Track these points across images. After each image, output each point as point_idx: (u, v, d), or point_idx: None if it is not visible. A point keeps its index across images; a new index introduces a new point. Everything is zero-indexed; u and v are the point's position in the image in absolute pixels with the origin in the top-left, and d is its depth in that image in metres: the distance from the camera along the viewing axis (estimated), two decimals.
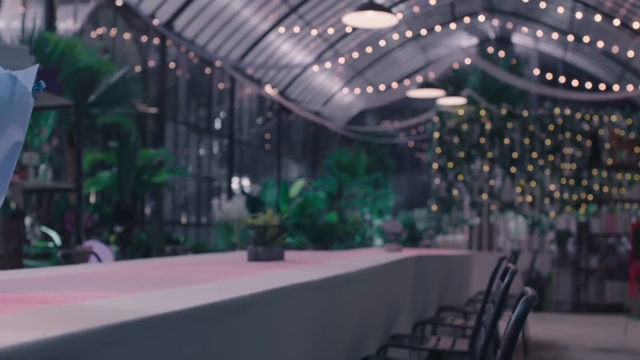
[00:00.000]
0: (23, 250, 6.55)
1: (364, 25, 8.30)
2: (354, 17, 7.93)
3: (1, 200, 1.93)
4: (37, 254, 6.61)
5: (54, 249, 7.73)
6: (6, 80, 1.85)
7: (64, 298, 1.89)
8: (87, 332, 1.39)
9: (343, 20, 8.38)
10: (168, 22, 13.77)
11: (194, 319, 1.82)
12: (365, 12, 7.69)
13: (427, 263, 5.77)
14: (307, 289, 2.73)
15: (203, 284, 2.51)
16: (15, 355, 1.19)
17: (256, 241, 4.02)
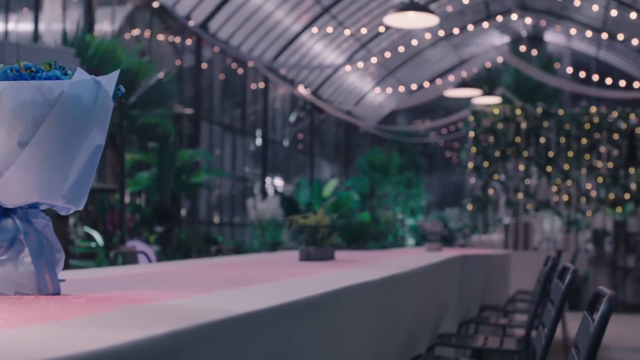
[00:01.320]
0: (69, 250, 6.64)
1: (405, 25, 8.32)
2: (394, 18, 7.94)
3: (84, 201, 1.98)
4: (83, 254, 6.69)
5: (97, 248, 7.82)
6: (91, 86, 1.90)
7: (146, 297, 1.94)
8: (187, 330, 1.43)
9: (384, 21, 8.40)
10: (203, 23, 13.86)
11: (275, 318, 1.86)
12: (406, 13, 7.70)
13: (472, 262, 5.78)
14: (369, 288, 2.77)
15: (269, 283, 2.55)
16: (128, 352, 1.23)
17: (308, 241, 4.06)
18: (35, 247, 1.93)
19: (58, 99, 1.84)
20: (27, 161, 1.84)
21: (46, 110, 1.84)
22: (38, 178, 1.87)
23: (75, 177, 1.92)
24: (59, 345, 1.20)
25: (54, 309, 1.65)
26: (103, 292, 2.06)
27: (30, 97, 1.83)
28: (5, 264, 1.91)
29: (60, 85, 1.85)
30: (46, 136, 1.84)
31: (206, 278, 2.77)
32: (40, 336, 1.30)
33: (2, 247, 1.90)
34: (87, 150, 1.93)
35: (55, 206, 1.98)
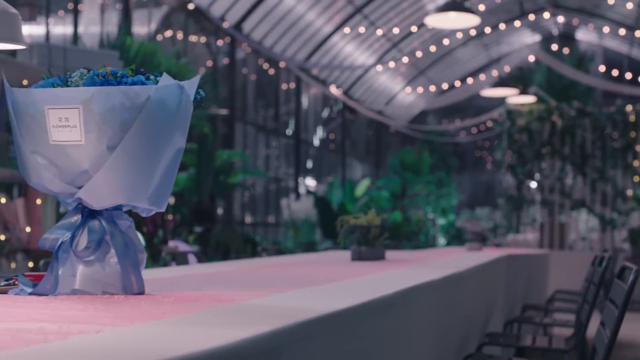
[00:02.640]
0: None
1: (446, 26, 8.34)
2: (435, 19, 7.96)
3: (166, 202, 2.03)
4: None
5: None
6: (175, 90, 1.94)
7: (230, 297, 1.98)
8: (288, 329, 1.47)
9: (425, 21, 8.41)
10: (237, 24, 13.94)
11: (355, 316, 1.90)
12: (447, 13, 7.72)
13: (516, 262, 5.80)
14: (432, 288, 2.80)
15: (337, 283, 2.58)
16: (240, 350, 1.28)
17: (359, 241, 4.09)
18: (120, 247, 1.98)
19: (145, 103, 1.89)
20: (115, 164, 1.89)
21: (134, 114, 1.89)
22: (125, 181, 1.92)
23: (158, 179, 1.97)
24: (178, 343, 1.25)
25: (149, 308, 1.70)
26: (183, 292, 2.10)
27: (119, 102, 1.88)
28: (93, 265, 1.96)
29: (147, 90, 1.90)
30: (133, 140, 1.89)
31: (272, 278, 2.81)
32: (154, 334, 1.34)
33: (90, 248, 1.95)
34: (169, 153, 1.98)
35: (137, 207, 2.03)
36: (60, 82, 1.98)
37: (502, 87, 12.12)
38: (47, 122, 1.89)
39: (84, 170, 1.90)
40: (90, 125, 1.87)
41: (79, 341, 1.23)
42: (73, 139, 1.89)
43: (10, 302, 1.79)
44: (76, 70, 2.03)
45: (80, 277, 1.95)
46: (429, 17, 8.11)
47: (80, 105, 1.87)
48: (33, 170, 1.96)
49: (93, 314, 1.59)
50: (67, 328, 1.34)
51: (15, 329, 1.33)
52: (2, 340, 1.21)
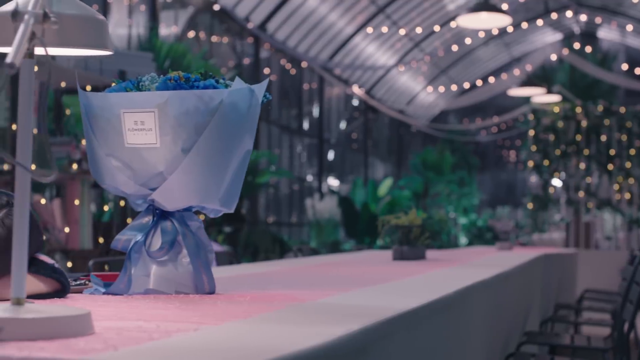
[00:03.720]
0: None
1: (477, 26, 8.36)
2: (467, 19, 7.99)
3: (235, 203, 2.07)
4: None
5: None
6: (246, 94, 1.98)
7: (300, 296, 2.02)
8: (374, 326, 1.51)
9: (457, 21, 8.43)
10: (261, 25, 13.99)
11: (426, 314, 1.93)
12: (478, 14, 7.74)
13: (550, 261, 5.81)
14: (484, 287, 2.83)
15: (392, 282, 2.62)
16: (335, 348, 1.31)
17: (401, 241, 4.13)
18: (192, 248, 2.02)
19: (218, 107, 1.93)
20: (189, 167, 1.94)
21: (207, 117, 1.93)
22: (198, 182, 1.96)
23: (229, 180, 2.01)
24: (282, 341, 1.28)
25: (230, 307, 1.74)
26: (250, 291, 2.14)
27: (193, 105, 1.92)
28: (166, 265, 2.01)
29: (220, 94, 1.94)
30: (206, 143, 1.93)
31: (326, 277, 2.85)
32: (253, 332, 1.38)
33: (164, 249, 1.99)
34: (239, 155, 2.02)
35: (205, 208, 2.07)
36: (133, 87, 2.03)
37: (528, 86, 12.11)
38: (123, 126, 1.94)
39: (159, 172, 1.95)
40: (165, 128, 1.91)
41: (184, 339, 1.27)
42: (148, 142, 1.93)
43: (91, 302, 1.84)
44: (146, 75, 2.07)
45: (154, 277, 2.00)
46: (460, 18, 8.14)
47: (155, 109, 1.91)
48: (107, 173, 2.01)
49: (179, 312, 1.63)
50: (165, 327, 1.38)
51: (116, 327, 1.37)
52: (110, 337, 1.25)
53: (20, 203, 1.31)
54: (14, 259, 1.31)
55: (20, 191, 1.32)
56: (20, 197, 1.32)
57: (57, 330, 1.24)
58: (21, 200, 1.31)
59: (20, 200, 1.31)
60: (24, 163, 1.28)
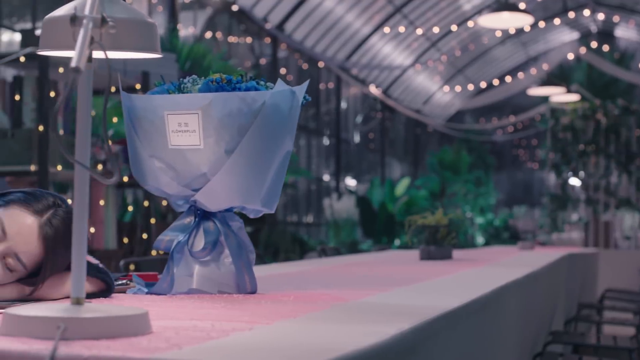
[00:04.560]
0: None
1: (499, 26, 8.37)
2: (488, 19, 7.99)
3: (276, 204, 2.09)
4: None
5: None
6: (288, 95, 2.00)
7: (341, 295, 2.04)
8: (423, 325, 1.52)
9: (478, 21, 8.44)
10: (279, 25, 14.03)
11: (466, 313, 1.95)
12: (500, 14, 7.74)
13: (574, 261, 5.81)
14: (516, 286, 2.84)
15: (426, 282, 2.63)
16: (389, 346, 1.33)
17: (428, 241, 4.14)
18: (234, 248, 2.04)
19: (261, 108, 1.95)
20: (232, 168, 1.96)
21: (250, 119, 1.95)
22: (240, 183, 1.98)
23: (270, 181, 2.03)
24: (336, 340, 1.30)
25: (277, 306, 1.76)
26: (290, 291, 2.16)
27: (237, 107, 1.94)
28: (209, 265, 2.03)
29: (262, 96, 1.96)
30: (249, 144, 1.95)
31: (360, 277, 2.87)
32: (307, 331, 1.40)
33: (207, 249, 2.02)
34: (280, 156, 2.05)
35: (246, 209, 2.09)
36: (175, 89, 2.05)
37: (548, 85, 12.08)
38: (167, 127, 1.96)
39: (203, 173, 1.97)
40: (209, 130, 1.94)
41: (242, 338, 1.28)
42: (192, 143, 1.95)
43: (137, 302, 1.86)
44: (187, 77, 2.09)
45: (197, 277, 2.02)
46: (481, 18, 8.15)
47: (199, 111, 1.93)
48: (150, 174, 2.03)
49: (229, 312, 1.65)
50: (220, 326, 1.40)
51: (171, 326, 1.39)
52: (170, 336, 1.27)
53: (79, 204, 1.34)
54: (74, 259, 1.33)
55: (79, 192, 1.34)
56: (79, 198, 1.34)
57: (117, 329, 1.26)
58: (80, 202, 1.34)
59: (79, 202, 1.34)
60: (85, 165, 1.30)
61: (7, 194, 1.91)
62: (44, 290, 1.86)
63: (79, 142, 1.33)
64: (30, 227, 1.83)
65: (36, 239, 1.83)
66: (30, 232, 1.83)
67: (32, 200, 1.86)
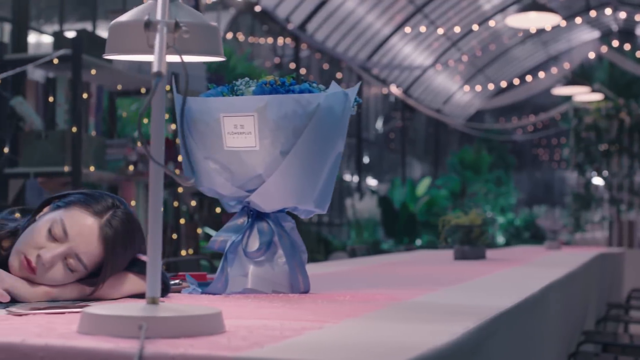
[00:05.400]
0: (200, 251, 6.84)
1: (526, 25, 8.36)
2: (516, 19, 7.98)
3: (328, 204, 2.11)
4: (214, 254, 6.89)
5: None
6: (341, 97, 2.03)
7: (394, 295, 2.06)
8: (485, 325, 1.54)
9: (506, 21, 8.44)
10: (301, 25, 14.08)
11: (519, 313, 1.97)
12: (527, 13, 7.74)
13: (604, 261, 5.81)
14: (559, 286, 2.85)
15: (470, 281, 2.65)
16: (458, 345, 1.35)
17: (462, 240, 4.16)
18: (288, 248, 2.07)
19: (315, 110, 1.98)
20: (287, 169, 1.98)
21: (305, 121, 1.98)
22: (295, 184, 2.01)
23: (323, 182, 2.06)
24: (411, 339, 1.32)
25: (337, 306, 1.78)
26: (342, 290, 2.18)
27: (292, 109, 1.97)
28: (263, 265, 2.05)
29: (317, 98, 1.99)
30: (304, 145, 1.98)
31: (403, 276, 2.89)
32: (374, 330, 1.42)
33: (262, 250, 2.04)
34: (332, 157, 2.07)
35: (298, 209, 2.11)
36: (228, 91, 2.08)
37: (572, 85, 12.06)
38: (223, 129, 1.99)
39: (258, 174, 2.00)
40: (264, 131, 1.96)
41: (316, 336, 1.31)
42: (248, 145, 1.98)
43: (195, 301, 1.89)
44: (239, 80, 2.12)
45: (252, 277, 2.04)
46: (509, 18, 8.14)
47: (255, 113, 1.96)
48: (205, 175, 2.06)
49: (292, 311, 1.67)
50: (289, 325, 1.43)
51: (242, 325, 1.41)
52: (245, 335, 1.29)
53: (154, 206, 1.36)
54: (149, 259, 1.36)
55: (154, 194, 1.37)
56: (154, 200, 1.36)
57: (194, 328, 1.29)
58: (155, 203, 1.36)
59: (154, 203, 1.36)
60: (161, 164, 1.33)
61: (66, 195, 1.94)
62: (103, 290, 1.89)
63: (154, 144, 1.35)
64: (90, 228, 1.86)
65: (96, 239, 1.86)
66: (91, 233, 1.86)
67: (92, 202, 1.89)
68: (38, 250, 1.83)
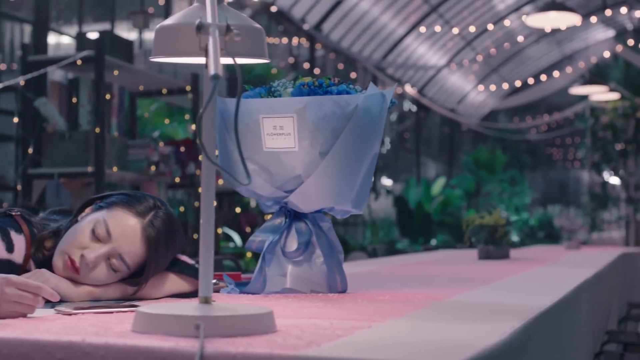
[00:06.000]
0: (220, 251, 6.87)
1: (546, 25, 8.36)
2: (535, 18, 7.98)
3: (365, 205, 2.12)
4: (233, 254, 6.92)
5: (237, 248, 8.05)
6: (379, 98, 2.04)
7: (433, 294, 2.07)
8: (530, 324, 1.55)
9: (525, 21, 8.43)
10: (316, 26, 14.11)
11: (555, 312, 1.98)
12: (547, 13, 7.74)
13: (626, 260, 5.81)
14: (589, 285, 2.86)
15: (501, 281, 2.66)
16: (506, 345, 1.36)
17: (487, 240, 4.16)
18: (326, 248, 2.08)
19: (354, 111, 1.99)
20: (326, 170, 2.00)
21: (343, 122, 1.99)
22: (333, 185, 2.02)
23: (360, 183, 2.07)
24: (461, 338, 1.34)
25: (376, 305, 1.80)
26: (379, 290, 2.20)
27: (330, 110, 1.98)
28: (302, 265, 2.07)
29: (355, 99, 2.00)
30: (342, 146, 1.99)
31: (433, 276, 2.90)
32: (422, 329, 1.44)
33: (300, 250, 2.06)
34: (369, 158, 2.08)
35: (334, 210, 2.13)
36: (265, 92, 2.10)
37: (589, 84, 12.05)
38: (262, 130, 2.01)
39: (297, 175, 2.01)
40: (303, 132, 1.98)
41: (369, 334, 1.32)
42: (287, 145, 1.99)
43: (235, 300, 1.90)
44: (276, 81, 2.14)
45: (291, 277, 2.06)
46: (529, 17, 8.14)
47: (294, 114, 1.98)
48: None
49: (336, 311, 1.69)
50: (339, 324, 1.44)
51: (292, 325, 1.43)
52: (298, 334, 1.31)
53: (206, 206, 1.38)
54: (201, 259, 1.38)
55: (206, 194, 1.39)
56: (206, 200, 1.38)
57: (248, 327, 1.30)
58: (207, 203, 1.38)
59: (206, 204, 1.38)
60: (215, 167, 1.35)
61: (108, 196, 1.97)
62: (145, 290, 1.91)
63: (206, 144, 1.37)
64: (133, 228, 1.88)
65: (139, 240, 1.88)
66: (134, 233, 1.88)
67: (135, 202, 1.91)
68: (82, 251, 1.85)
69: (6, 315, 1.50)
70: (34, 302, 1.53)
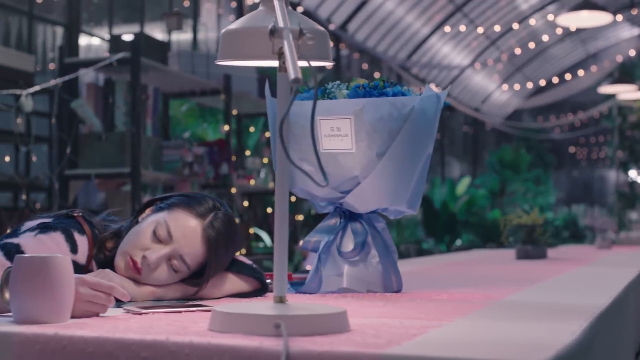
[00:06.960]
0: (252, 251, 6.91)
1: (578, 24, 8.34)
2: (567, 18, 7.97)
3: (419, 205, 2.14)
4: (264, 254, 6.95)
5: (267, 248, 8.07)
6: (434, 100, 2.06)
7: (489, 294, 2.08)
8: (595, 323, 1.57)
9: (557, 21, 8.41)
10: (342, 26, 14.13)
11: (612, 312, 1.99)
12: (578, 12, 7.72)
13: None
14: (635, 285, 2.86)
15: (549, 281, 2.66)
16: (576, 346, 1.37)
17: (524, 240, 4.17)
18: (381, 248, 2.10)
19: (410, 113, 2.01)
20: (383, 171, 2.02)
21: (400, 123, 2.01)
22: (389, 186, 2.04)
23: (414, 183, 2.09)
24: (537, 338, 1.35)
25: (436, 305, 1.81)
26: (432, 290, 2.21)
27: (387, 112, 2.00)
28: (358, 265, 2.09)
29: (411, 101, 2.02)
30: (399, 147, 2.01)
31: (478, 276, 2.91)
32: (488, 328, 1.45)
33: (356, 250, 2.08)
34: (423, 159, 2.10)
35: (387, 210, 2.15)
36: (320, 94, 2.12)
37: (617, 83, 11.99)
38: (319, 132, 2.03)
39: (354, 176, 2.03)
40: (361, 134, 2.00)
41: (442, 333, 1.34)
42: (344, 147, 2.01)
43: (297, 300, 1.92)
44: (330, 83, 2.16)
45: (347, 277, 2.08)
46: (560, 17, 8.12)
47: (352, 116, 2.00)
48: (299, 177, 2.10)
49: (399, 310, 1.71)
50: (409, 323, 1.46)
51: (365, 324, 1.45)
52: (374, 333, 1.33)
53: (280, 207, 1.40)
54: (276, 259, 1.40)
55: (280, 196, 1.41)
56: (280, 201, 1.41)
57: (324, 326, 1.32)
58: (281, 205, 1.41)
59: (280, 205, 1.41)
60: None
61: (168, 198, 1.99)
62: (206, 290, 1.93)
63: (278, 146, 1.40)
64: (194, 229, 1.90)
65: (200, 241, 1.90)
66: (194, 234, 1.90)
67: (195, 204, 1.94)
68: (143, 252, 1.88)
69: (80, 315, 1.53)
70: (107, 301, 1.56)
